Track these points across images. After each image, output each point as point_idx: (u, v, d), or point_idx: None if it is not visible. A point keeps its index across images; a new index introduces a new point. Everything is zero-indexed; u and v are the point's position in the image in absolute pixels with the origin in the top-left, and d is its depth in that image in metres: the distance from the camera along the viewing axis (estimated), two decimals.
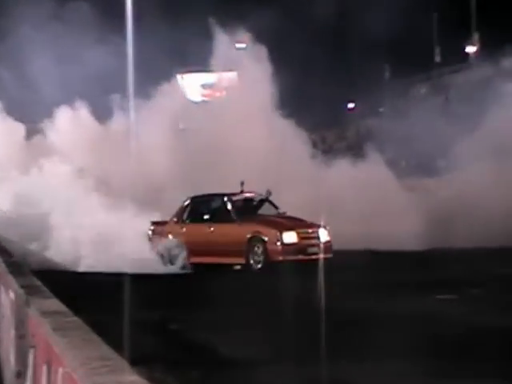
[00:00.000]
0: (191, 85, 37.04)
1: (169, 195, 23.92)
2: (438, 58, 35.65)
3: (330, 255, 18.57)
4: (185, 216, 20.83)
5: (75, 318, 3.93)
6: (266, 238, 19.13)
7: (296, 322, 10.37)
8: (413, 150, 25.06)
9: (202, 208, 21.03)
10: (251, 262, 19.23)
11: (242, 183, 20.21)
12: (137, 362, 4.28)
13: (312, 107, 27.49)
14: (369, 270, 17.51)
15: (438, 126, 24.46)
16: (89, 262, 19.61)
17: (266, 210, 20.76)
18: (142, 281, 15.87)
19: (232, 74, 29.57)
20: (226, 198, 20.31)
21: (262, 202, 20.92)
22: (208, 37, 27.82)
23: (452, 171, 24.72)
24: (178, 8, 31.99)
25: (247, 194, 20.77)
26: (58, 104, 30.88)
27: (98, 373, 2.43)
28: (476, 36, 33.96)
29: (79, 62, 31.61)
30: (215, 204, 20.92)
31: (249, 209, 20.80)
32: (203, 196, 21.15)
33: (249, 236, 19.33)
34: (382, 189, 23.50)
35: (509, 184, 21.84)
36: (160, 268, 19.37)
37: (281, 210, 20.54)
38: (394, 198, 23.43)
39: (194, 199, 20.96)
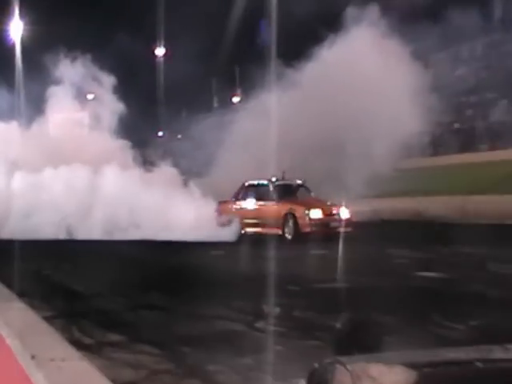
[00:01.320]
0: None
1: None
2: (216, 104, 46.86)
3: (349, 229, 22.44)
4: (240, 196, 25.63)
5: None
6: (297, 214, 23.17)
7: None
8: (197, 161, 32.14)
9: (252, 190, 25.49)
10: (286, 233, 23.35)
11: (284, 172, 24.71)
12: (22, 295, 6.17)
13: (136, 133, 36.00)
14: None
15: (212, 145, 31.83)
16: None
17: (301, 193, 25.30)
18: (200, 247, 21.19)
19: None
20: (269, 183, 24.81)
21: (298, 186, 25.52)
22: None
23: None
24: None
25: (287, 181, 25.14)
26: None
27: None
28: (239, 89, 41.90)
29: None
30: (261, 187, 25.22)
31: (287, 192, 24.89)
32: (253, 181, 25.62)
33: (284, 212, 23.55)
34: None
35: None
36: (219, 236, 23.50)
37: (313, 194, 25.03)
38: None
39: (246, 184, 25.67)
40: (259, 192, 25.18)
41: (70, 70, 33.29)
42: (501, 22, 33.25)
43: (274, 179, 24.78)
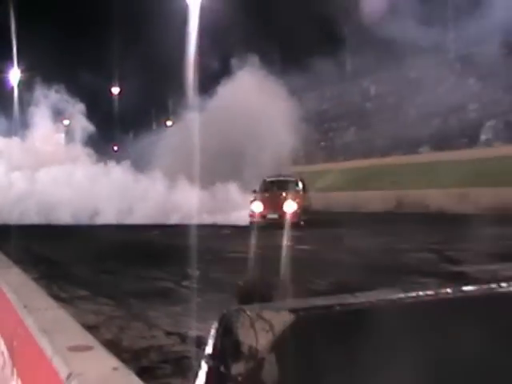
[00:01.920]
0: None
1: None
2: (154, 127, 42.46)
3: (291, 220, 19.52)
4: (262, 188, 22.20)
5: None
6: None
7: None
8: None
9: (267, 183, 22.41)
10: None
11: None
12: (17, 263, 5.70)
13: (99, 147, 33.91)
14: None
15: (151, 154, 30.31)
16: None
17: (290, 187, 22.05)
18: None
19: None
20: (272, 179, 22.40)
21: (286, 182, 22.24)
22: None
23: None
24: None
25: (274, 177, 22.66)
26: None
27: None
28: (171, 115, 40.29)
29: None
30: (268, 181, 22.44)
31: (269, 187, 22.16)
32: (269, 176, 22.83)
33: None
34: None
35: None
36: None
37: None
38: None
39: (265, 178, 22.75)
40: (268, 184, 22.65)
41: (51, 100, 32.91)
42: (352, 69, 34.06)
43: (266, 177, 22.88)
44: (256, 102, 26.51)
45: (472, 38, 26.43)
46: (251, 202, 21.16)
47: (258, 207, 20.72)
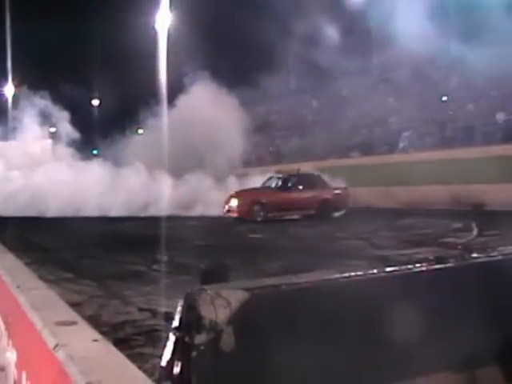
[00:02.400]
0: None
1: None
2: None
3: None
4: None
5: None
6: None
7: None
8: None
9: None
10: None
11: (298, 169, 18.92)
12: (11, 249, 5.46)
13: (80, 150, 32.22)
14: None
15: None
16: None
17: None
18: None
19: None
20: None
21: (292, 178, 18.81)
22: None
23: None
24: None
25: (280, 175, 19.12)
26: None
27: None
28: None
29: None
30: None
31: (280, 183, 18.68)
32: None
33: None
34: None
35: None
36: None
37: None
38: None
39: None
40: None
41: (39, 110, 31.93)
42: (296, 87, 34.23)
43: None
44: (212, 113, 26.34)
45: (392, 64, 27.24)
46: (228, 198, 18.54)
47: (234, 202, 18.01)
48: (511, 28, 18.13)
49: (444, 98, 24.27)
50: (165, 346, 1.72)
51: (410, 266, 2.06)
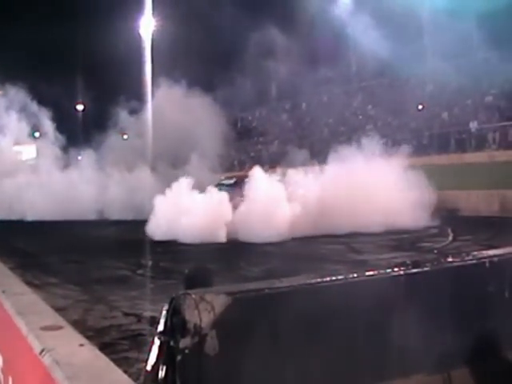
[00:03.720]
0: None
1: None
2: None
3: None
4: None
5: None
6: None
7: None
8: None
9: None
10: None
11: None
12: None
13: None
14: None
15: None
16: None
17: None
18: None
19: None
20: None
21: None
22: None
23: None
24: None
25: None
26: None
27: None
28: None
29: None
30: None
31: None
32: None
33: None
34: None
35: None
36: None
37: None
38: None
39: None
40: None
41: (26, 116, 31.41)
42: (277, 95, 34.26)
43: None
44: (190, 120, 26.17)
45: (369, 74, 27.51)
46: None
47: None
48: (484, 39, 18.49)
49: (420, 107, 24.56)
50: (150, 350, 1.72)
51: (388, 270, 2.09)
